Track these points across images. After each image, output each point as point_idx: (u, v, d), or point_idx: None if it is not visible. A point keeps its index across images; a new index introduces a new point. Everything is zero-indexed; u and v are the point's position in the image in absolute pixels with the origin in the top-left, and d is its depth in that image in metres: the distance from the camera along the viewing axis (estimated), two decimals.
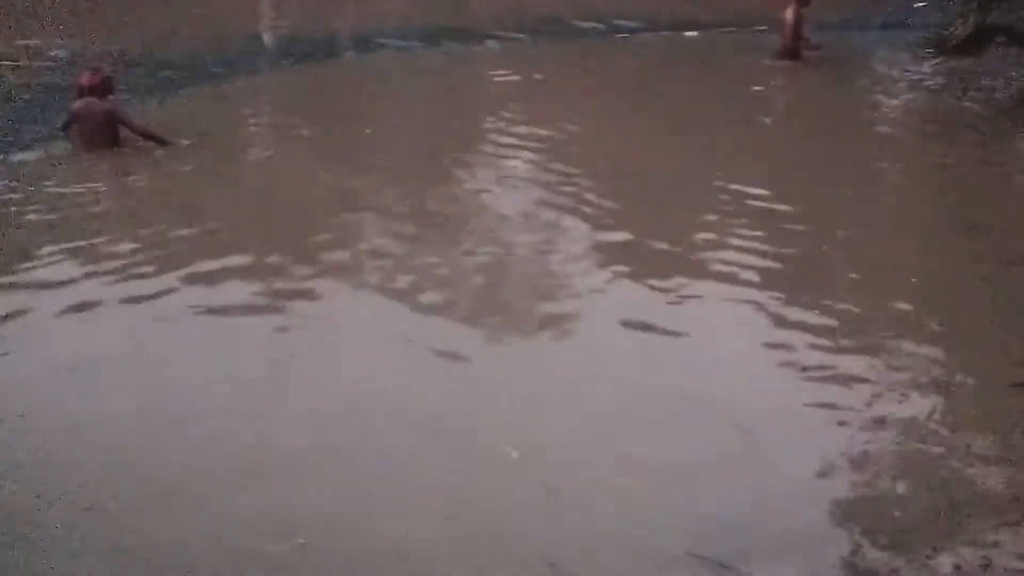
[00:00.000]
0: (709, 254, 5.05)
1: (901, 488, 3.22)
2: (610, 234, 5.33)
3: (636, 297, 4.60)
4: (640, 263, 4.94)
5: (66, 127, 6.45)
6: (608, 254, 5.06)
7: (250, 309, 4.42)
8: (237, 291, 4.61)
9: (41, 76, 8.33)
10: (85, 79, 6.35)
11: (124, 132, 6.42)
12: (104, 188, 5.96)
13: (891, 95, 8.81)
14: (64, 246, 5.01)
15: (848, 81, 9.24)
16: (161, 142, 6.49)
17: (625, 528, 3.02)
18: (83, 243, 5.06)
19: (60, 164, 6.20)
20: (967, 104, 8.25)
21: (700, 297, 4.59)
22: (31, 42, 9.53)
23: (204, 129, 6.95)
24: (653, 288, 4.65)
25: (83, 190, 5.80)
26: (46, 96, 7.57)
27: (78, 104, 6.34)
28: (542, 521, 3.05)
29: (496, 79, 9.03)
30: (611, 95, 8.74)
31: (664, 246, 5.19)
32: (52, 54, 9.17)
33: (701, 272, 4.84)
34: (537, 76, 9.15)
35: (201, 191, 5.96)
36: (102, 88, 6.35)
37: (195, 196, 5.85)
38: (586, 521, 3.05)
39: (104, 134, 6.33)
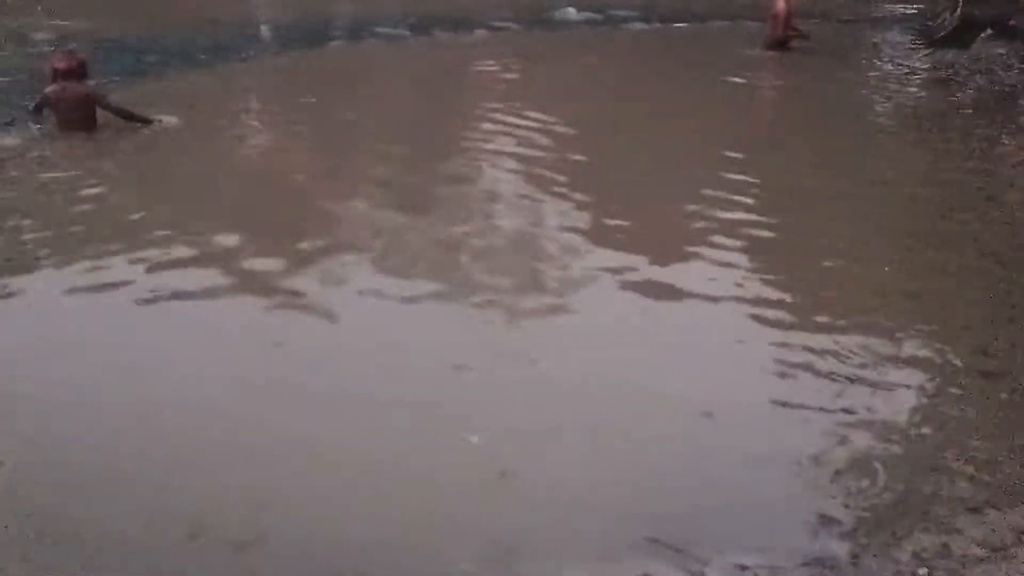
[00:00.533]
0: (688, 245, 5.00)
1: (863, 476, 3.17)
2: (590, 224, 5.28)
3: (612, 285, 4.55)
4: (619, 253, 4.88)
5: (38, 110, 6.40)
6: (587, 244, 5.01)
7: (228, 293, 4.35)
8: (216, 275, 4.50)
9: (22, 58, 8.27)
10: (60, 62, 6.29)
11: (102, 114, 6.37)
12: (81, 172, 5.85)
13: (877, 87, 8.77)
14: (38, 233, 4.91)
15: (835, 73, 9.21)
16: (142, 121, 6.46)
17: (583, 513, 2.99)
18: (58, 229, 4.98)
19: (35, 147, 6.14)
20: (952, 97, 8.23)
21: (677, 288, 4.52)
22: (15, 23, 9.47)
23: (188, 113, 6.89)
24: (630, 277, 4.60)
25: (58, 174, 5.73)
26: (26, 79, 7.51)
27: (53, 88, 6.28)
28: (499, 506, 3.01)
29: (485, 67, 8.99)
30: (599, 84, 8.70)
31: (644, 237, 5.14)
32: (37, 37, 9.11)
33: (679, 264, 4.80)
34: (525, 65, 9.11)
35: (182, 175, 5.89)
36: (77, 71, 6.29)
37: (175, 180, 5.78)
38: (543, 506, 3.01)
39: (81, 117, 6.28)
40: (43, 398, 3.50)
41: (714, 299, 4.41)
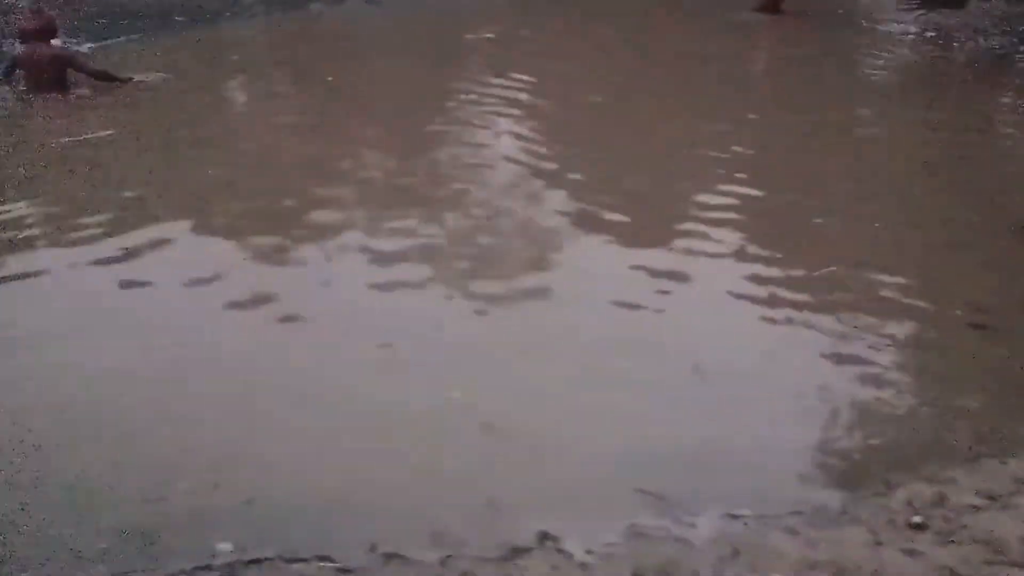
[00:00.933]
0: (685, 215, 4.86)
1: (858, 428, 3.10)
2: (586, 195, 5.09)
3: (608, 254, 4.40)
4: (616, 223, 4.72)
5: (8, 73, 6.24)
6: (583, 214, 4.83)
7: (215, 282, 4.04)
8: (193, 254, 4.26)
9: None
10: (28, 23, 6.14)
11: (74, 74, 6.21)
12: (54, 139, 5.61)
13: (873, 50, 8.63)
14: (10, 206, 4.68)
15: (828, 36, 9.06)
16: (115, 80, 6.30)
17: (570, 466, 2.89)
18: (30, 197, 4.77)
19: (6, 111, 5.97)
20: (947, 59, 8.12)
21: (671, 258, 4.35)
22: None
23: (165, 78, 6.72)
24: (626, 247, 4.45)
25: (30, 140, 5.54)
26: None
27: (22, 49, 6.15)
28: (483, 460, 2.91)
29: (471, 32, 8.83)
30: (590, 52, 8.52)
31: (640, 207, 4.98)
32: (10, 2, 8.90)
33: (675, 232, 4.64)
34: (513, 30, 8.94)
35: (160, 144, 5.62)
36: (46, 31, 6.13)
37: (151, 150, 5.49)
38: (529, 459, 2.91)
39: (51, 77, 6.13)
40: (36, 396, 3.27)
41: (714, 265, 4.27)
